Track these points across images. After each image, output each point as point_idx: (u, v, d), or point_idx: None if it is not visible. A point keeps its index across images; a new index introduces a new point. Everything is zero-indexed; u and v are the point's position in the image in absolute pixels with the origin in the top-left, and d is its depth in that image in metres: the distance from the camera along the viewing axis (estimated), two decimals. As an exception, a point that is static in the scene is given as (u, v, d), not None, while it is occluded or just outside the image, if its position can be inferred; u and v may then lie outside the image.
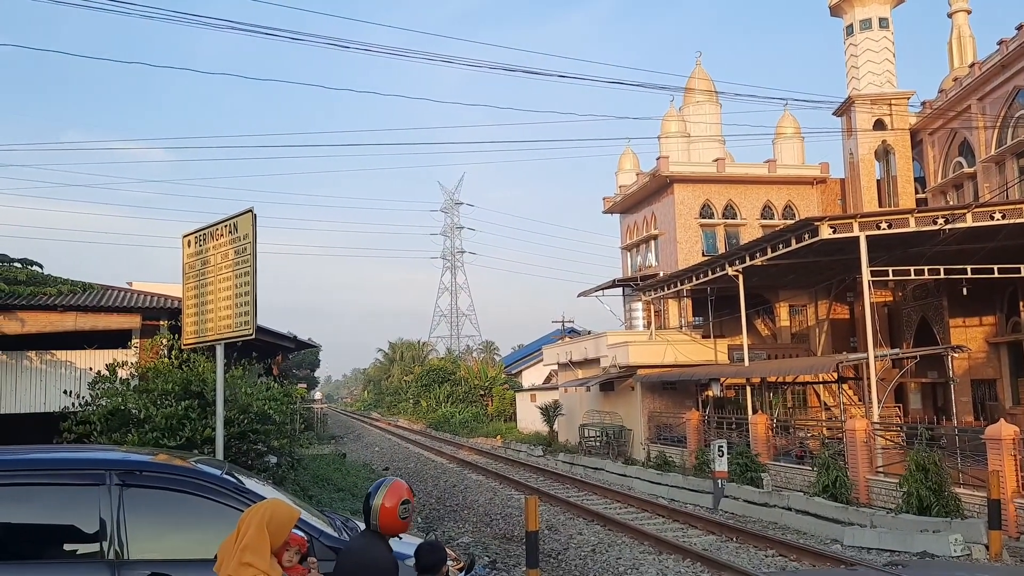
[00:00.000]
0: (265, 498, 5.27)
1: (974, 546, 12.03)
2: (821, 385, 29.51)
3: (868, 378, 19.36)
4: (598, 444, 29.78)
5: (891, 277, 20.84)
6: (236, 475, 5.58)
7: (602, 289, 36.27)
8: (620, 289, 37.22)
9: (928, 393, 29.93)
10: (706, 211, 34.01)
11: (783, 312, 33.40)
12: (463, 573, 4.87)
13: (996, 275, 20.67)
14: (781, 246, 21.26)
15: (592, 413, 32.01)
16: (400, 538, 4.59)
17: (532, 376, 52.52)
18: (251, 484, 5.57)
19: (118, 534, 4.83)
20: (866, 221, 19.47)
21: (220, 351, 9.21)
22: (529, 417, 42.30)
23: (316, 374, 74.11)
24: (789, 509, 16.07)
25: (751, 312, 28.47)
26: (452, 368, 61.37)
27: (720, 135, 37.40)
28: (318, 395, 56.13)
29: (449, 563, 4.64)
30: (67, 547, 4.98)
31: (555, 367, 39.80)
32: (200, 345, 9.92)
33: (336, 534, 5.38)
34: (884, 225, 19.23)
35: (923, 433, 15.15)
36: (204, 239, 9.45)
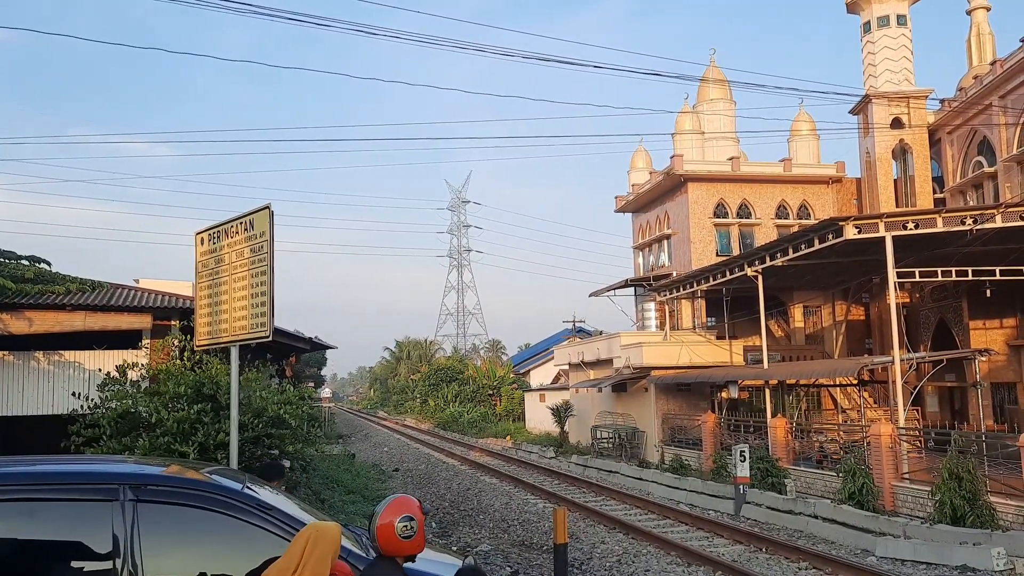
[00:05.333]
0: (289, 513, 4.94)
1: (1018, 560, 11.51)
2: (837, 388, 29.04)
3: (894, 382, 18.88)
4: (610, 446, 29.38)
5: (917, 279, 20.34)
6: (254, 489, 5.24)
7: (614, 289, 35.83)
8: (632, 289, 36.79)
9: (945, 396, 29.44)
10: (720, 210, 33.55)
11: (797, 313, 32.94)
12: None
13: (1024, 277, 20.19)
14: (804, 246, 20.79)
15: (604, 414, 31.59)
16: (413, 561, 4.20)
17: (540, 376, 52.08)
18: (270, 498, 5.23)
19: (132, 553, 4.46)
20: (892, 221, 18.98)
21: (235, 353, 8.78)
22: (538, 417, 41.89)
23: (323, 372, 73.83)
24: (815, 517, 15.60)
25: (766, 313, 27.96)
26: (460, 367, 60.98)
27: (734, 133, 36.93)
28: (327, 392, 55.83)
29: None
30: (77, 567, 4.60)
31: (565, 367, 39.37)
32: (214, 347, 9.50)
33: (363, 553, 5.04)
34: (911, 225, 18.75)
35: (956, 440, 14.69)
36: (218, 237, 9.02)
